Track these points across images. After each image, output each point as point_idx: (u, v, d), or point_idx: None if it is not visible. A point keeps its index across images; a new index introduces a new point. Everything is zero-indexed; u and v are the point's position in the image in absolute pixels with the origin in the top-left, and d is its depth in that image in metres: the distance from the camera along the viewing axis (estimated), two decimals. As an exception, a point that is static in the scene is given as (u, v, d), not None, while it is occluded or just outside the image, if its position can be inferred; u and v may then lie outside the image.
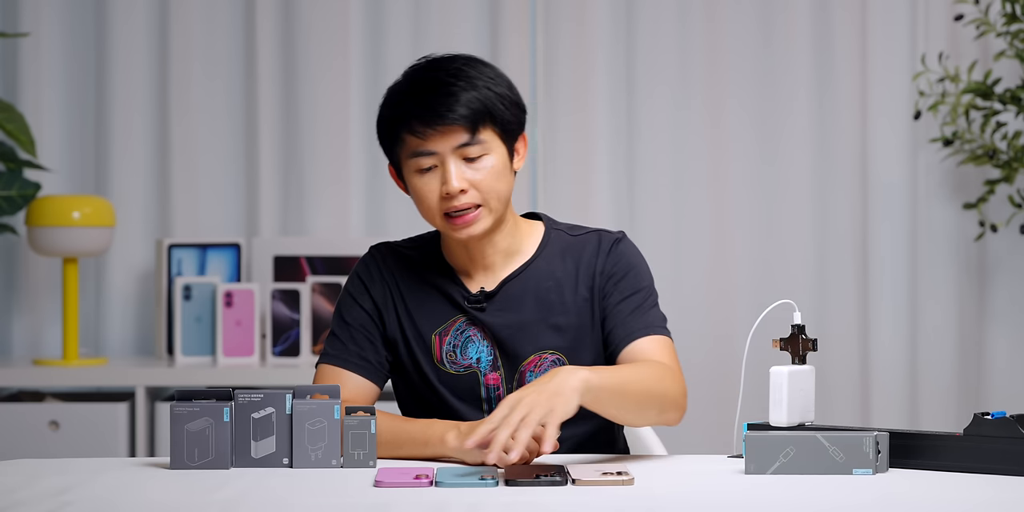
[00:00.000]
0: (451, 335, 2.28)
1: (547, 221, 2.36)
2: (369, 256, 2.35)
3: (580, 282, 2.29)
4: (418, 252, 2.34)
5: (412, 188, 2.23)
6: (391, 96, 2.25)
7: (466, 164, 2.20)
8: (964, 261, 3.96)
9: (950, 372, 3.94)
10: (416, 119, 2.19)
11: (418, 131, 2.19)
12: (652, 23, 3.97)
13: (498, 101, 2.21)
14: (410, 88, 2.22)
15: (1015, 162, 3.75)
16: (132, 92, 3.93)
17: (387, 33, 3.96)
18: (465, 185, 2.19)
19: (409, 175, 2.23)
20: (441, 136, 2.19)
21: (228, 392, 2.04)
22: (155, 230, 3.96)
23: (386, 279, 2.31)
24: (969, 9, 3.87)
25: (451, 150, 2.19)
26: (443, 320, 2.29)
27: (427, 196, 2.21)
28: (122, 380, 3.63)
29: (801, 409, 2.07)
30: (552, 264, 2.30)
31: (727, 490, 1.91)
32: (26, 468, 2.06)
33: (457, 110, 2.18)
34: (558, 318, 2.28)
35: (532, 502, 1.82)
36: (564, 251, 2.31)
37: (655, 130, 3.96)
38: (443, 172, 2.20)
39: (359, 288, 2.32)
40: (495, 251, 2.29)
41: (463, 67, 2.22)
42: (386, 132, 2.24)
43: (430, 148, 2.19)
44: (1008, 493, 1.87)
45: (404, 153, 2.22)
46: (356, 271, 2.34)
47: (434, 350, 2.28)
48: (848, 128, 3.97)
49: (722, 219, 3.97)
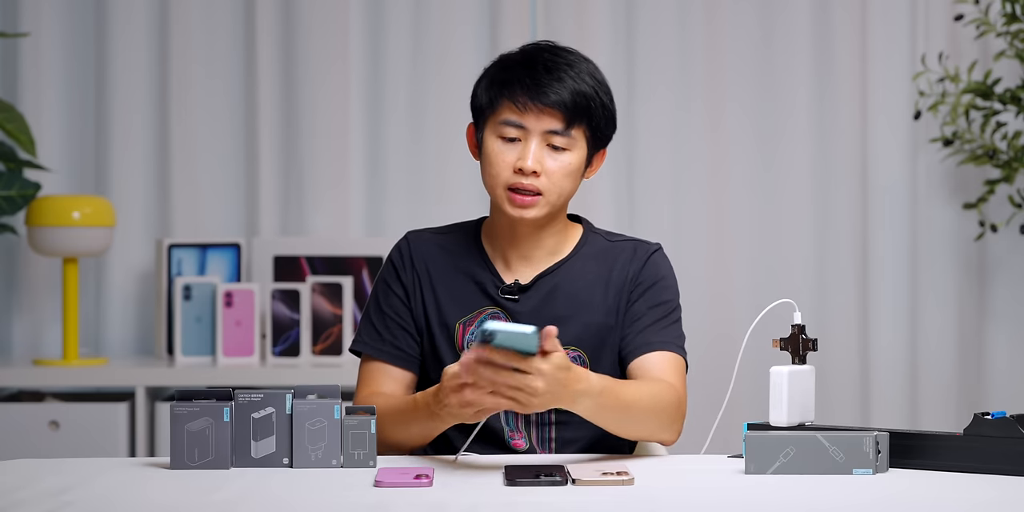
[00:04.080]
0: (476, 325, 2.29)
1: (586, 224, 2.39)
2: (403, 241, 2.37)
3: (611, 286, 2.31)
4: (453, 238, 2.35)
5: (486, 151, 2.25)
6: (503, 60, 2.28)
7: (548, 150, 2.23)
8: (964, 261, 3.96)
9: (950, 372, 3.94)
10: (522, 89, 2.21)
11: (519, 101, 2.21)
12: (652, 24, 3.97)
13: (600, 106, 2.25)
14: (526, 60, 2.25)
15: (1015, 162, 3.75)
16: (132, 92, 3.93)
17: (387, 33, 3.96)
18: (539, 168, 2.22)
19: (489, 138, 2.25)
20: (538, 114, 2.21)
21: (228, 392, 2.04)
22: (155, 230, 3.96)
23: (416, 265, 2.33)
24: (969, 9, 3.87)
25: (541, 131, 2.22)
26: (470, 309, 2.30)
27: (499, 163, 2.23)
28: (122, 380, 3.63)
29: (801, 409, 2.07)
30: (586, 265, 2.32)
31: (727, 490, 1.91)
32: (26, 468, 2.06)
33: (563, 96, 2.21)
34: (585, 317, 2.29)
35: (532, 502, 1.82)
36: (599, 254, 2.33)
37: (655, 130, 3.96)
38: (524, 147, 2.22)
39: (392, 274, 2.34)
40: (539, 246, 2.31)
41: (580, 62, 2.25)
42: (486, 92, 2.26)
43: (523, 121, 2.22)
44: (1008, 493, 1.87)
45: (495, 117, 2.24)
46: (389, 257, 2.36)
47: (456, 338, 2.29)
48: (848, 128, 3.97)
49: (722, 218, 3.97)
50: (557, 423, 2.27)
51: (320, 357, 3.72)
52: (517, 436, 2.28)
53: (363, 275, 3.82)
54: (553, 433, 2.28)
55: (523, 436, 2.28)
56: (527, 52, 2.27)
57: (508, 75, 2.24)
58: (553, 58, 2.24)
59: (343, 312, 3.72)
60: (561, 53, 2.26)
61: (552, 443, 2.28)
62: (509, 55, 2.29)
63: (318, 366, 3.67)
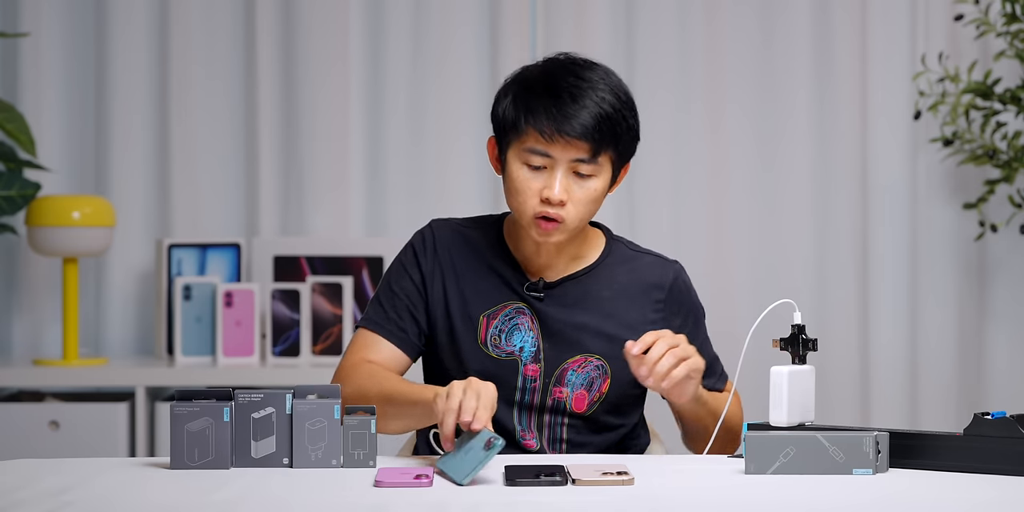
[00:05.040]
0: (499, 319, 2.29)
1: (606, 231, 2.39)
2: (428, 228, 2.36)
3: (638, 299, 2.32)
4: (479, 233, 2.35)
5: (511, 176, 2.23)
6: (526, 78, 2.25)
7: (574, 178, 2.21)
8: (964, 261, 3.96)
9: (950, 372, 3.94)
10: (548, 119, 2.18)
11: (545, 132, 2.19)
12: (652, 24, 3.97)
13: (626, 128, 2.23)
14: (550, 84, 2.21)
15: (1015, 162, 3.75)
16: (132, 92, 3.93)
17: (387, 33, 3.96)
18: (565, 197, 2.20)
19: (514, 163, 2.23)
20: (564, 145, 2.19)
21: (228, 392, 2.04)
22: (155, 230, 3.96)
23: (439, 253, 2.33)
24: (969, 9, 3.87)
25: (567, 160, 2.20)
26: (495, 303, 2.30)
27: (525, 190, 2.21)
28: (122, 380, 3.63)
29: (801, 409, 2.07)
30: (613, 273, 2.33)
31: (727, 490, 1.91)
32: (26, 468, 2.06)
33: (589, 126, 2.18)
34: (609, 327, 2.29)
35: (532, 502, 1.82)
36: (625, 263, 2.34)
37: (655, 131, 3.95)
38: (550, 177, 2.20)
39: (411, 258, 2.33)
40: (560, 254, 2.31)
41: (603, 79, 2.23)
42: (511, 113, 2.23)
43: (549, 151, 2.19)
44: (1008, 493, 1.87)
45: (520, 143, 2.22)
46: (411, 241, 2.35)
47: (480, 331, 2.29)
48: (848, 128, 3.97)
49: (722, 219, 3.97)
50: (568, 425, 2.28)
51: (320, 357, 3.72)
52: (529, 436, 2.28)
53: (363, 275, 3.82)
54: (564, 434, 2.28)
55: (534, 436, 2.28)
56: (551, 72, 2.24)
57: (533, 100, 2.21)
58: (578, 82, 2.21)
59: (343, 312, 3.72)
60: (585, 74, 2.23)
61: (563, 444, 2.28)
62: (531, 73, 2.26)
63: (318, 366, 3.67)
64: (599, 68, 2.26)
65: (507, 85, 2.27)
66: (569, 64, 2.25)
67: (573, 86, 2.20)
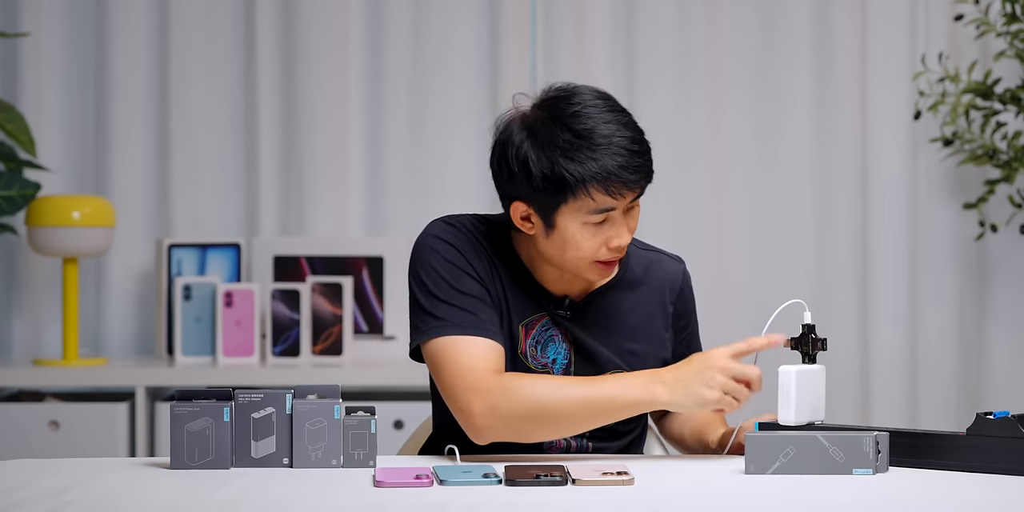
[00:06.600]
0: (536, 330, 2.23)
1: None
2: (451, 227, 2.21)
3: (656, 306, 2.31)
4: (499, 240, 2.24)
5: (570, 236, 2.12)
6: (555, 141, 2.10)
7: (625, 213, 2.16)
8: (964, 261, 3.96)
9: (950, 372, 3.94)
10: (618, 179, 2.10)
11: (614, 191, 2.10)
12: (652, 24, 3.96)
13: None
14: (603, 142, 2.11)
15: (1015, 162, 3.75)
16: (132, 92, 3.93)
17: (387, 32, 3.96)
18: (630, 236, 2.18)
19: (571, 224, 2.12)
20: (628, 195, 2.13)
21: (228, 392, 2.04)
22: (155, 230, 3.96)
23: (486, 251, 2.21)
24: (969, 9, 3.87)
25: (626, 204, 2.15)
26: (531, 313, 2.23)
27: (587, 245, 2.13)
28: (122, 380, 3.63)
29: (810, 408, 2.07)
30: (632, 281, 2.29)
31: (727, 490, 1.92)
32: (26, 468, 2.06)
33: (650, 171, 2.15)
34: (632, 345, 2.28)
35: (532, 502, 1.82)
36: (638, 263, 2.31)
37: (655, 131, 3.91)
38: (617, 225, 2.13)
39: (458, 257, 2.18)
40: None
41: (632, 119, 2.16)
42: (557, 181, 2.09)
43: (615, 205, 2.12)
44: (1009, 493, 1.87)
45: (577, 202, 2.10)
46: (443, 240, 2.19)
47: (519, 341, 2.22)
48: (848, 128, 3.97)
49: (723, 219, 3.97)
50: (592, 436, 2.27)
51: (320, 357, 3.72)
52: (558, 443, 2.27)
53: (363, 275, 3.82)
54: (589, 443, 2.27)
55: (562, 445, 2.26)
56: (594, 129, 2.11)
57: (594, 165, 2.09)
58: (624, 131, 2.13)
59: (343, 312, 3.72)
60: (621, 118, 2.14)
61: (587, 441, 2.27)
62: (550, 126, 2.11)
63: (318, 366, 3.67)
64: (618, 103, 2.18)
65: (522, 142, 2.12)
66: (609, 111, 2.14)
67: (626, 138, 2.12)
